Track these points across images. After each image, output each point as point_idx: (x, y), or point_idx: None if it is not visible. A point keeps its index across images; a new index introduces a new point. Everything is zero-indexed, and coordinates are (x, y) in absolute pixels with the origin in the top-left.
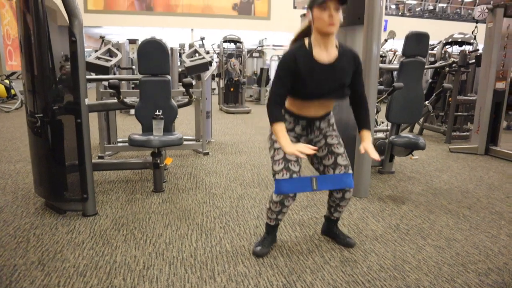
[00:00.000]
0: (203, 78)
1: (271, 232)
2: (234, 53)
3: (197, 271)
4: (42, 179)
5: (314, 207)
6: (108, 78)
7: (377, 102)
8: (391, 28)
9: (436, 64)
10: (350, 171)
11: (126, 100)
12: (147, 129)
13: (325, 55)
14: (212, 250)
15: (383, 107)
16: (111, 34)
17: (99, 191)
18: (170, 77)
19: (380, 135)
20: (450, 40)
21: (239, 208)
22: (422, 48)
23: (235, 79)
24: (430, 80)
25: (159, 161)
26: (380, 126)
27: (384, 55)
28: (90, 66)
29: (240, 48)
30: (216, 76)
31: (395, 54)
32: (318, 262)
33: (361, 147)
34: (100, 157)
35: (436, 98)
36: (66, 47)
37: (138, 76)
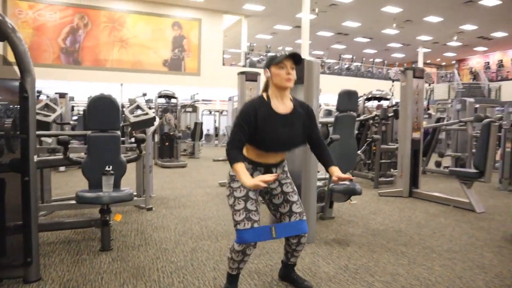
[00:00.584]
0: (147, 133)
1: (233, 282)
2: (169, 108)
3: None
4: None
5: (267, 255)
6: (56, 134)
7: None
8: None
9: (361, 117)
10: (305, 218)
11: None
12: (95, 185)
13: (282, 107)
14: None
15: None
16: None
17: (39, 254)
18: (119, 132)
19: (319, 184)
20: (370, 96)
21: (194, 262)
22: (353, 104)
23: (170, 133)
24: (356, 132)
25: (108, 218)
26: (318, 174)
27: None
28: None
29: (173, 103)
30: None
31: (320, 107)
32: None
33: (334, 178)
34: None
35: (368, 147)
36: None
37: (86, 131)
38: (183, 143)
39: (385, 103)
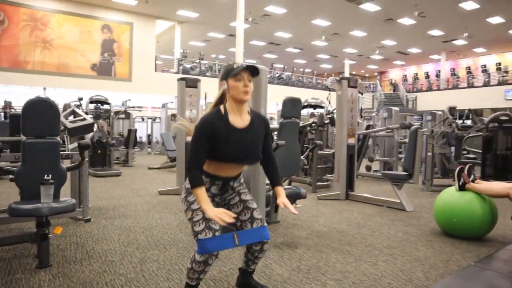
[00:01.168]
0: (85, 139)
1: None
2: (101, 114)
3: None
4: None
5: (219, 261)
6: None
7: None
8: None
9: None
10: (266, 224)
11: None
12: (30, 196)
13: (239, 121)
14: None
15: None
16: None
17: None
18: (59, 138)
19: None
20: (306, 104)
21: (145, 273)
22: (296, 111)
23: (103, 140)
24: None
25: (47, 231)
26: None
27: None
28: None
29: (106, 109)
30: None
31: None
32: None
33: (279, 202)
34: None
35: (311, 152)
36: None
37: (21, 137)
38: (116, 151)
39: (319, 111)
